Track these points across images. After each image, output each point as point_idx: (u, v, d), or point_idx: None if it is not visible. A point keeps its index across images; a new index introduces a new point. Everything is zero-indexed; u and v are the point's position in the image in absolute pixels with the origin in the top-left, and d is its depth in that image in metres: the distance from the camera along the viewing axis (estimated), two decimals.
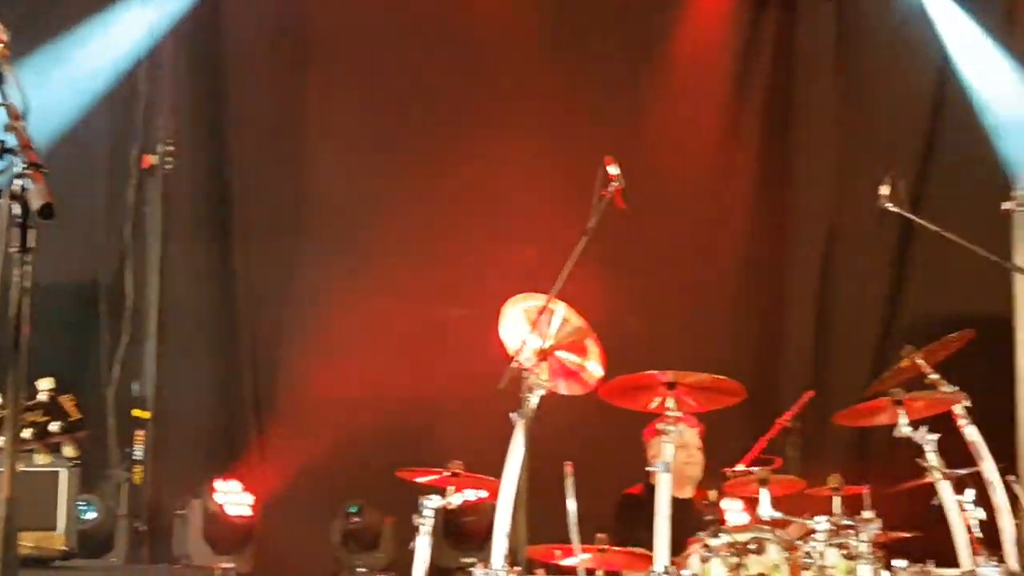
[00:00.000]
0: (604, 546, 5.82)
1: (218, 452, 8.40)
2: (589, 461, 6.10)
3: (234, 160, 8.79)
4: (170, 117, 8.53)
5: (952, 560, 5.67)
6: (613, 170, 5.77)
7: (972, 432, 5.84)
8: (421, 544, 5.96)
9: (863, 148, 8.80)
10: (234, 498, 7.87)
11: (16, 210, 3.23)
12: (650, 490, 5.68)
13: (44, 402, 3.61)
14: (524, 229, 8.43)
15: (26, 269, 3.23)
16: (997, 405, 7.65)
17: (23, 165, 3.26)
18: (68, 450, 3.64)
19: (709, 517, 5.61)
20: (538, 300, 5.82)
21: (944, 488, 5.68)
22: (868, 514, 5.56)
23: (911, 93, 8.89)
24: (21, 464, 3.22)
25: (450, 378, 7.98)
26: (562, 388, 5.90)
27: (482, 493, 6.03)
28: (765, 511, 5.66)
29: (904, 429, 5.72)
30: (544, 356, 5.73)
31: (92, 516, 7.68)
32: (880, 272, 8.84)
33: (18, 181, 3.25)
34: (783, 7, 9.11)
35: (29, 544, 6.79)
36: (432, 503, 5.98)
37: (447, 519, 7.52)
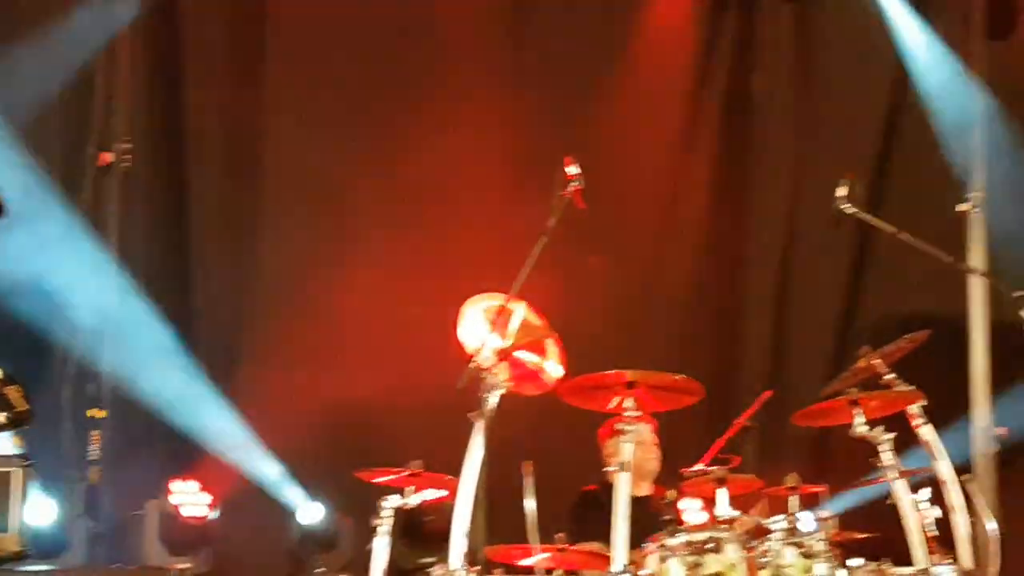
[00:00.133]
0: (563, 545, 5.82)
1: (175, 452, 8.34)
2: (548, 461, 6.10)
3: (192, 158, 8.74)
4: (127, 114, 8.46)
5: (907, 559, 5.71)
6: (573, 170, 5.77)
7: (927, 431, 5.89)
8: (379, 544, 5.95)
9: (822, 150, 8.86)
10: (191, 498, 7.83)
11: None
12: (607, 488, 5.69)
13: None
14: (484, 228, 8.41)
15: None
16: (953, 405, 7.72)
17: None
18: (15, 443, 3.61)
19: (666, 517, 5.61)
20: (497, 300, 5.82)
21: (899, 487, 5.71)
22: (825, 512, 5.58)
23: (869, 95, 8.97)
24: None
25: (409, 378, 7.96)
26: (524, 389, 5.89)
27: (441, 493, 6.03)
28: (722, 510, 5.67)
29: (860, 429, 5.75)
30: (503, 356, 5.73)
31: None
32: (838, 273, 8.91)
33: None
34: (743, 8, 9.16)
35: None
36: (391, 503, 5.96)
37: (406, 519, 7.49)
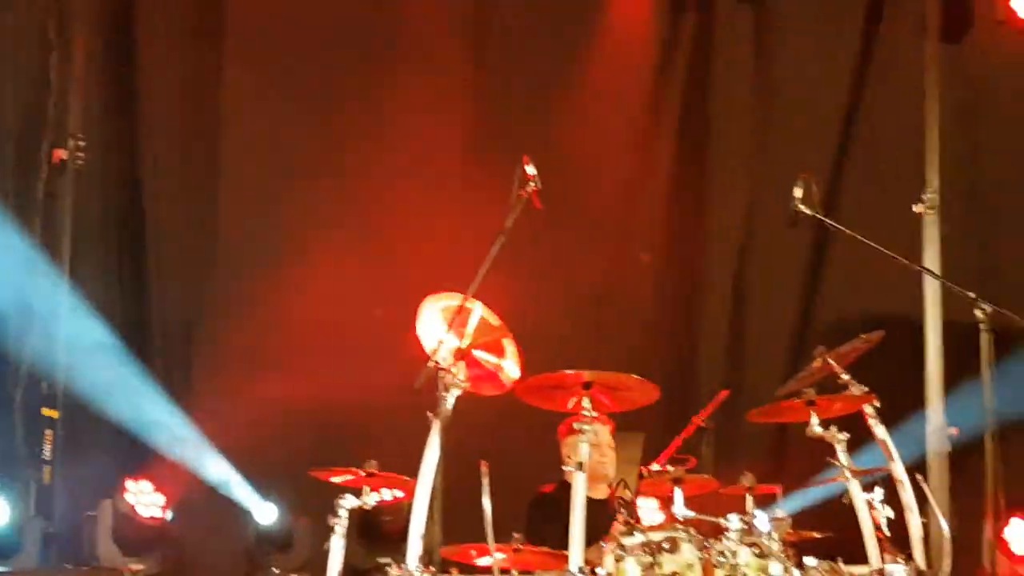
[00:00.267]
0: (519, 545, 5.81)
1: (129, 452, 8.27)
2: (505, 461, 6.08)
3: (147, 157, 8.67)
4: (82, 111, 8.38)
5: (861, 558, 5.74)
6: (531, 170, 5.76)
7: (882, 432, 5.94)
8: (336, 544, 5.92)
9: (779, 150, 8.91)
10: (145, 498, 7.79)
11: None
12: (563, 488, 5.68)
13: None
14: (441, 227, 8.40)
15: None
16: (906, 405, 7.78)
17: None
18: None
19: (623, 516, 5.61)
20: (455, 299, 5.80)
21: (854, 487, 5.75)
22: (779, 512, 5.60)
23: (826, 96, 9.02)
24: None
25: (366, 377, 7.93)
26: (482, 389, 5.88)
27: (398, 493, 6.01)
28: (679, 510, 5.68)
29: (815, 429, 5.79)
30: (461, 355, 5.71)
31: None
32: (794, 273, 8.97)
33: None
34: (701, 8, 9.19)
35: None
36: (347, 503, 5.94)
37: (362, 519, 7.46)
